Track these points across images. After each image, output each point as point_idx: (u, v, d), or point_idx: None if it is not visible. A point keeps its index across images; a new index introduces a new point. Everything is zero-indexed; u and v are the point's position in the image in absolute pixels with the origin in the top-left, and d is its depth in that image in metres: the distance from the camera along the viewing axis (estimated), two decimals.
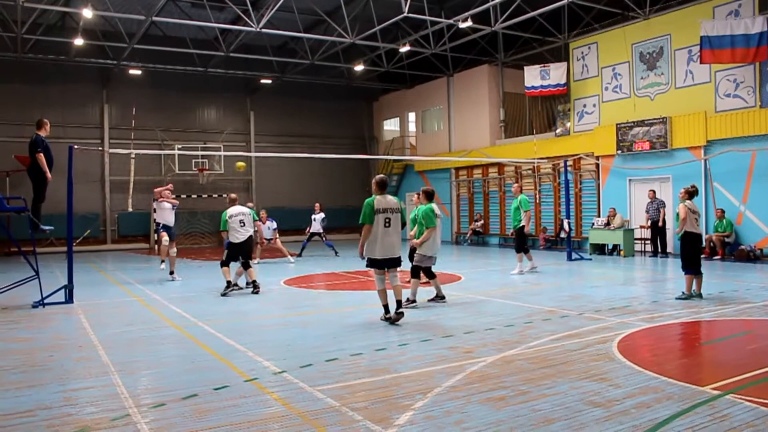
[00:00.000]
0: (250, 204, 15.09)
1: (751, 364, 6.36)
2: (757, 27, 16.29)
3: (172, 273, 15.05)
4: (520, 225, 14.81)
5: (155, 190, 15.40)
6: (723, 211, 17.56)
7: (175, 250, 15.27)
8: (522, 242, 14.93)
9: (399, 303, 8.92)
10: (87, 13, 18.96)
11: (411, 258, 10.77)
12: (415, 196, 12.43)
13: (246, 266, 12.51)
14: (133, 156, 26.82)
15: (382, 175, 9.21)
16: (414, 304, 10.20)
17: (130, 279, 15.48)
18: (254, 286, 12.40)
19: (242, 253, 12.43)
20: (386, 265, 8.96)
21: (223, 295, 12.00)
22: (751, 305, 9.88)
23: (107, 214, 27.62)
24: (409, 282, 10.49)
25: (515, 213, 14.97)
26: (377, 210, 8.79)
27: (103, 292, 13.29)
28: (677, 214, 10.56)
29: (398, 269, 9.14)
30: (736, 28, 16.57)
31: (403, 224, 9.15)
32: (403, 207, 9.11)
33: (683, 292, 10.58)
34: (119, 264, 20.13)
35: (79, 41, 22.15)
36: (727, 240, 17.47)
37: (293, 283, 14.07)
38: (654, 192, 18.81)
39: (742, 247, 17.06)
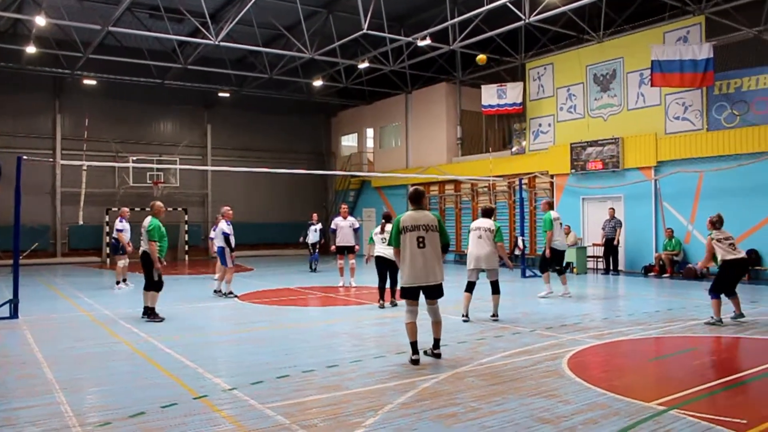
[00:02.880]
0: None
1: (695, 379, 6.52)
2: (703, 53, 16.84)
3: (125, 280, 16.15)
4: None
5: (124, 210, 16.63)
6: (672, 231, 18.01)
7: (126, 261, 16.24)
8: (546, 262, 13.84)
9: (437, 342, 7.64)
10: (40, 20, 18.55)
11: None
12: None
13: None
14: (85, 168, 26.31)
15: (414, 187, 7.89)
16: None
17: (79, 293, 15.13)
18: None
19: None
20: (418, 294, 7.49)
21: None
22: (697, 322, 10.12)
23: (58, 227, 26.97)
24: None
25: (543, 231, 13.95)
26: (404, 228, 7.46)
27: (51, 306, 12.96)
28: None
29: (437, 300, 7.60)
30: (684, 54, 17.10)
31: (446, 244, 7.64)
32: (442, 224, 7.69)
33: (712, 317, 9.88)
34: (69, 278, 19.65)
35: (31, 49, 21.67)
36: (675, 258, 17.90)
37: (248, 299, 13.93)
38: (613, 210, 19.16)
39: (690, 265, 17.49)
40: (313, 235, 21.43)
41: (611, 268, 19.05)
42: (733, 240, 9.95)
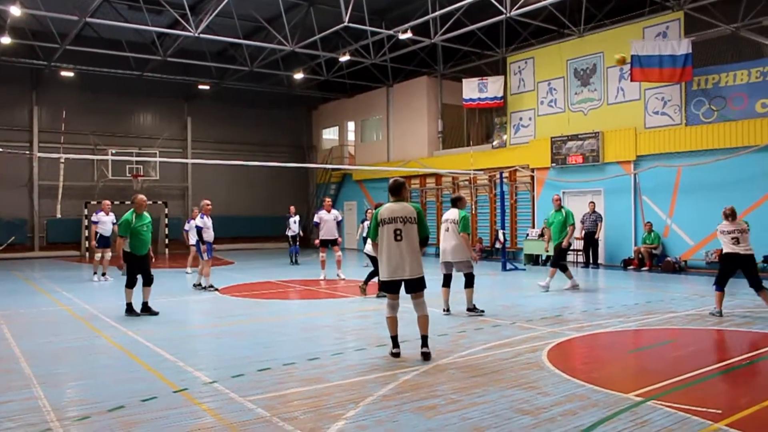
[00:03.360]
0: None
1: (672, 371, 6.59)
2: (682, 49, 16.99)
3: (104, 274, 16.35)
4: (561, 240, 13.65)
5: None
6: (651, 224, 18.19)
7: (109, 254, 16.43)
8: (561, 257, 13.78)
9: (424, 339, 7.30)
10: (15, 10, 18.24)
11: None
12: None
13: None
14: (62, 161, 25.96)
15: (394, 178, 7.66)
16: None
17: (57, 288, 14.98)
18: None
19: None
20: (398, 288, 7.33)
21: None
22: (675, 314, 10.24)
23: (35, 221, 26.64)
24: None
25: (560, 227, 13.64)
26: (382, 221, 7.31)
27: (28, 301, 12.81)
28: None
29: (422, 294, 7.40)
30: (663, 49, 17.23)
31: (424, 237, 7.41)
32: (422, 215, 7.43)
33: (715, 307, 10.04)
34: (47, 272, 19.43)
35: (6, 40, 21.31)
36: (654, 252, 18.09)
37: (228, 292, 13.87)
38: (594, 204, 19.25)
39: (669, 258, 17.69)
40: (293, 227, 21.80)
41: (591, 261, 19.20)
42: (738, 234, 9.91)
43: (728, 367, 6.80)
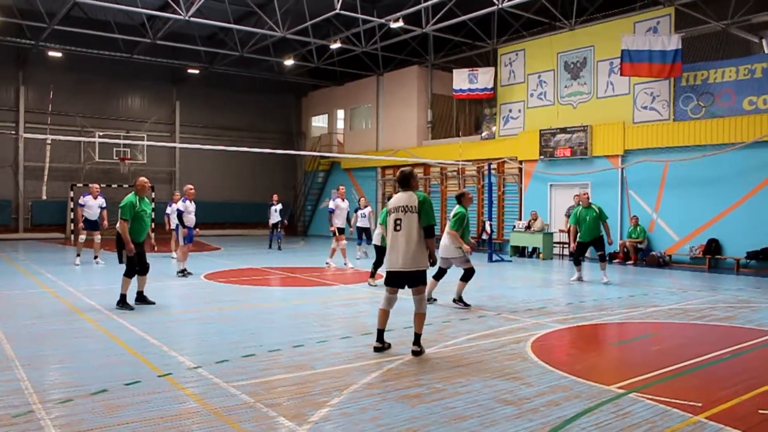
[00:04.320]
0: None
1: (654, 364, 6.66)
2: (672, 44, 17.05)
3: (96, 258, 16.25)
4: (600, 235, 13.59)
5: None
6: (637, 218, 18.31)
7: (99, 237, 16.47)
8: (580, 252, 13.91)
9: (416, 337, 6.98)
10: None
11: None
12: None
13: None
14: (49, 142, 25.75)
15: (402, 169, 7.22)
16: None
17: (42, 270, 14.89)
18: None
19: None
20: (397, 281, 6.97)
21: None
22: (658, 308, 10.34)
23: (20, 202, 26.45)
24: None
25: (594, 223, 13.51)
26: (389, 210, 7.05)
27: (12, 282, 12.73)
28: None
29: (422, 290, 7.03)
30: (654, 44, 17.29)
31: (428, 227, 6.84)
32: (427, 204, 6.87)
33: None
34: (31, 254, 19.30)
35: None
36: (639, 246, 18.21)
37: (214, 278, 13.84)
38: (579, 197, 19.27)
39: (653, 253, 17.82)
40: (274, 215, 22.06)
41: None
42: None
43: (709, 360, 6.88)
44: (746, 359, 7.08)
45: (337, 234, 16.22)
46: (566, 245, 19.97)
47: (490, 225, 19.12)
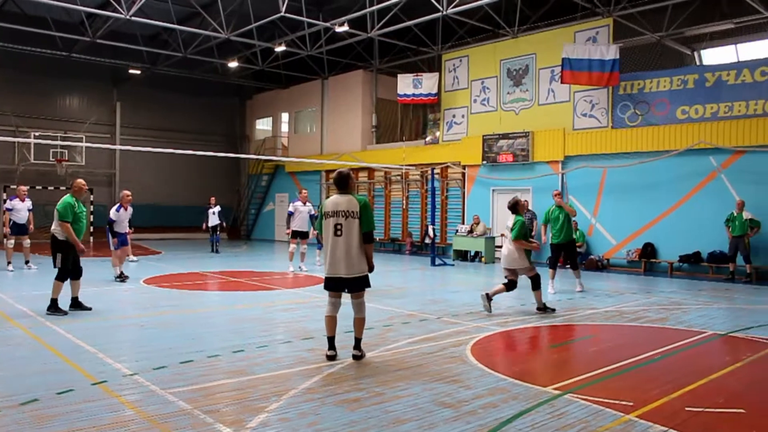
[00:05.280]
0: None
1: (590, 365, 6.82)
2: (611, 54, 17.51)
3: (27, 263, 15.71)
4: (573, 238, 13.36)
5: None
6: (576, 223, 18.68)
7: (28, 242, 15.80)
8: (557, 255, 13.47)
9: (357, 341, 6.98)
10: None
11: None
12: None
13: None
14: None
15: (338, 170, 7.07)
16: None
17: None
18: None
19: None
20: (338, 286, 6.88)
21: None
22: (596, 311, 10.59)
23: None
24: None
25: (567, 223, 13.10)
26: (325, 213, 6.87)
27: None
28: None
29: (361, 294, 6.98)
30: (593, 53, 17.72)
31: (367, 233, 6.80)
32: (368, 209, 6.81)
33: None
34: None
35: None
36: (579, 250, 18.58)
37: (153, 283, 13.55)
38: (527, 202, 19.61)
39: (592, 257, 18.25)
40: (212, 218, 22.40)
41: None
42: None
43: (642, 361, 7.08)
44: (676, 359, 7.31)
45: (291, 237, 16.07)
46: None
47: (434, 229, 19.27)
